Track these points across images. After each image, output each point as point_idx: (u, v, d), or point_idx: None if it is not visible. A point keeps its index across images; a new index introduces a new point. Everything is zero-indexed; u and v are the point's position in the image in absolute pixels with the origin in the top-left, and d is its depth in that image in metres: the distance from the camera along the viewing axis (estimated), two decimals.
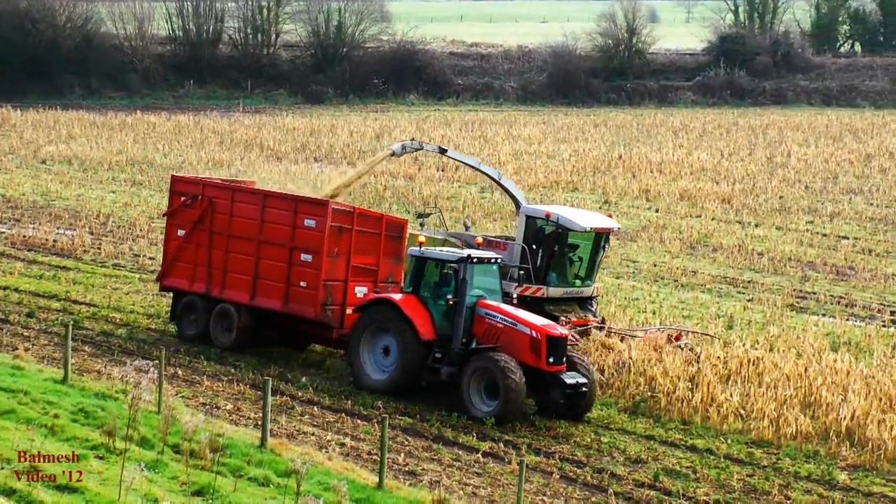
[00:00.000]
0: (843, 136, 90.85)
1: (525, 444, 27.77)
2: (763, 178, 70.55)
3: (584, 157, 77.40)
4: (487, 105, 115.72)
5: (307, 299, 32.04)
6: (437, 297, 30.07)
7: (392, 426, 27.24)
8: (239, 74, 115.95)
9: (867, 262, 50.36)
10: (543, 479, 25.59)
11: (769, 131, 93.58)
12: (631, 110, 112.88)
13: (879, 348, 36.05)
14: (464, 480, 25.14)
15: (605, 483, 25.61)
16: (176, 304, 34.79)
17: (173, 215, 34.96)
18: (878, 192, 66.99)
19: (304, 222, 32.25)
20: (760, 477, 26.61)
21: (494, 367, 28.55)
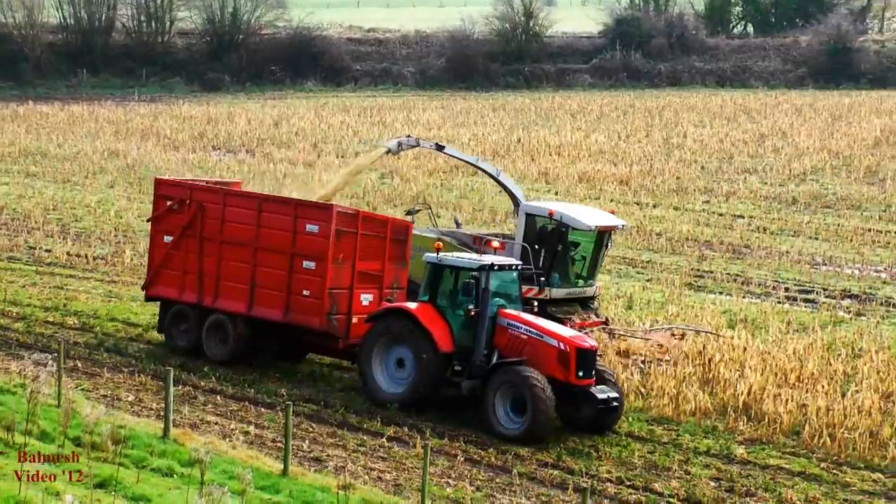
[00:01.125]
0: (738, 117, 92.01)
1: (429, 427, 27.89)
2: (660, 159, 71.28)
3: (484, 141, 77.66)
4: (386, 90, 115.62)
5: (311, 308, 30.24)
6: (455, 307, 28.29)
7: (296, 413, 27.25)
8: (133, 63, 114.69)
9: (762, 241, 51.11)
10: (448, 462, 25.76)
11: (665, 113, 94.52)
12: (529, 94, 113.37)
13: (775, 324, 36.67)
14: (369, 465, 25.23)
15: (508, 464, 25.84)
16: (164, 314, 32.71)
17: (158, 220, 32.86)
18: (771, 171, 67.97)
19: (306, 227, 30.40)
20: (661, 453, 26.99)
21: (522, 383, 26.82)
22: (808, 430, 27.94)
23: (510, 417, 27.18)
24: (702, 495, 24.44)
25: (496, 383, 27.28)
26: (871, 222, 55.06)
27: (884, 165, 69.27)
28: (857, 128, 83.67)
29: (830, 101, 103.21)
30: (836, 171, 67.62)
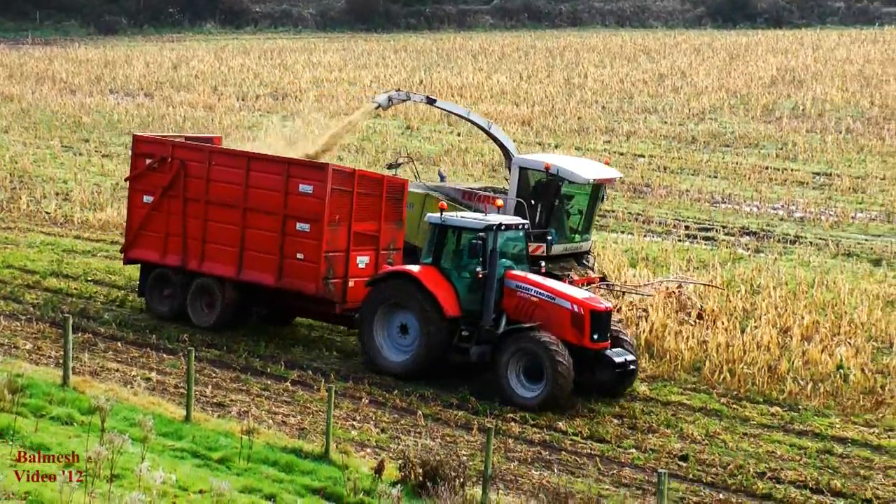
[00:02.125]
0: (637, 57, 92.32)
1: (334, 370, 27.75)
2: (561, 99, 71.36)
3: (386, 83, 77.19)
4: (286, 33, 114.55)
5: (306, 273, 28.66)
6: (460, 269, 26.84)
7: (199, 359, 26.94)
8: (27, 5, 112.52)
9: (662, 180, 51.40)
10: (353, 405, 25.63)
11: (566, 53, 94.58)
12: (430, 35, 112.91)
13: (675, 262, 36.91)
14: (273, 409, 25.05)
15: (413, 406, 25.78)
16: (144, 277, 31.14)
17: (137, 180, 31.05)
18: (671, 110, 68.35)
19: (299, 188, 28.76)
20: None
21: (539, 349, 25.42)
22: (708, 366, 28.18)
23: (524, 385, 25.77)
24: (605, 433, 24.56)
25: (510, 349, 25.80)
26: (768, 160, 55.59)
27: (780, 104, 69.94)
28: (753, 67, 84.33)
29: (728, 40, 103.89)
30: (734, 110, 68.15)
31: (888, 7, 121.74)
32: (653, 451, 23.80)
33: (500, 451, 23.21)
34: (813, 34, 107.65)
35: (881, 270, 37.92)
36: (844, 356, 28.33)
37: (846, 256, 39.64)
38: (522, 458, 23.24)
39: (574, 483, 21.93)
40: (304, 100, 70.36)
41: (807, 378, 27.43)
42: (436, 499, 19.45)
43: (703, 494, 21.95)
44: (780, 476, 22.74)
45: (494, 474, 20.93)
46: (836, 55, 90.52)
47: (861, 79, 78.48)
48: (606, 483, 22.21)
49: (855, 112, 67.22)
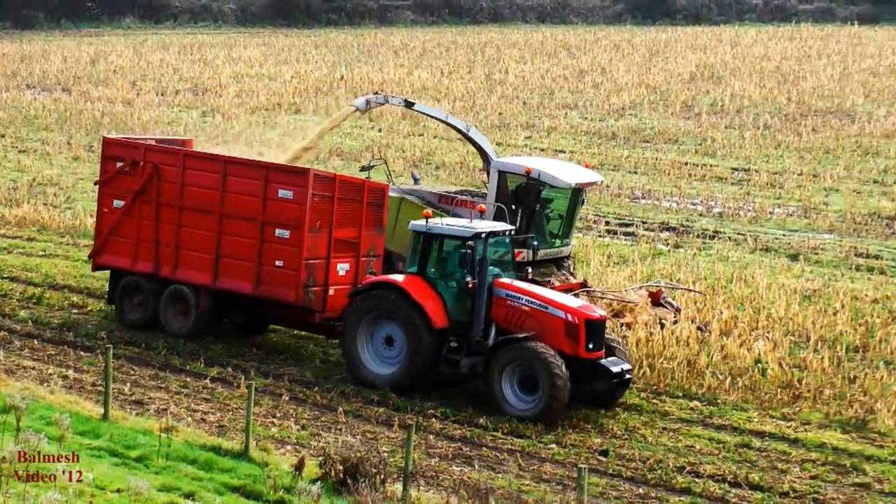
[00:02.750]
0: (558, 53, 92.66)
1: (254, 367, 27.58)
2: (482, 95, 71.45)
3: (306, 78, 76.92)
4: (206, 28, 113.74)
5: (285, 281, 27.86)
6: (447, 278, 26.10)
7: (117, 356, 26.69)
8: None
9: None
10: (273, 402, 25.50)
11: (487, 49, 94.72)
12: (351, 30, 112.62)
13: (595, 258, 37.05)
14: (192, 407, 24.85)
15: (334, 402, 25.68)
16: (114, 284, 30.12)
17: (108, 184, 30.10)
18: (591, 106, 68.66)
19: (279, 193, 27.93)
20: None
21: (535, 360, 24.73)
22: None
23: (518, 396, 25.11)
24: (525, 429, 24.60)
25: (503, 360, 25.07)
26: (687, 156, 56.02)
27: (699, 100, 70.50)
28: (673, 63, 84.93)
29: (647, 37, 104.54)
30: (654, 106, 68.60)
31: (804, 4, 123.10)
32: (573, 447, 23.88)
33: (421, 448, 23.18)
34: (731, 31, 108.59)
35: (798, 265, 38.31)
36: (762, 350, 28.58)
37: (764, 251, 40.01)
38: (443, 454, 23.23)
39: (495, 479, 21.94)
40: (225, 95, 69.91)
41: (725, 372, 27.64)
42: (356, 496, 19.39)
43: (623, 489, 22.05)
44: (698, 470, 22.90)
45: (415, 470, 20.89)
46: (753, 52, 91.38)
47: (778, 75, 79.30)
48: (527, 478, 22.25)
49: (772, 108, 67.91)
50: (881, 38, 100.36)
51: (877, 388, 26.93)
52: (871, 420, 25.37)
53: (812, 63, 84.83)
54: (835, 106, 68.50)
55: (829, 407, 26.15)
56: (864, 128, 61.84)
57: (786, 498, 21.88)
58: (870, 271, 37.84)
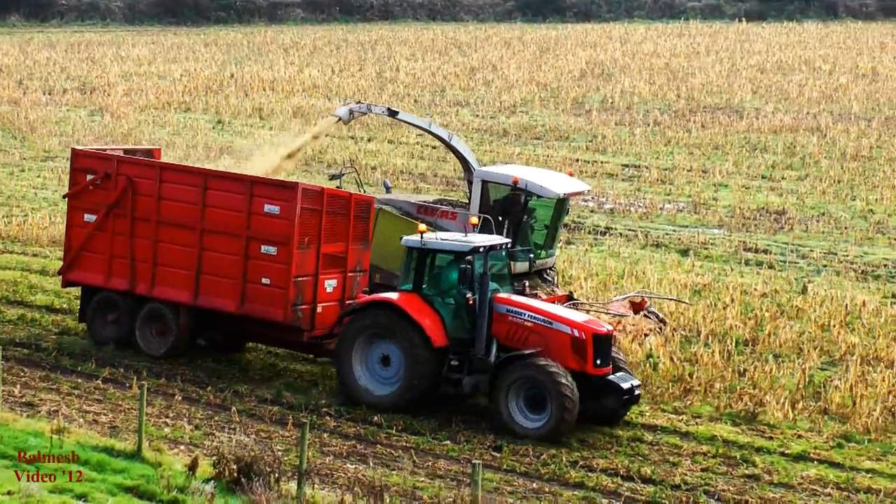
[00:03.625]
0: (449, 50, 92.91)
1: (146, 368, 27.40)
2: (373, 93, 71.44)
3: (196, 77, 76.40)
4: (94, 26, 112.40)
5: (273, 299, 26.68)
6: (444, 295, 25.29)
7: (6, 358, 26.33)
8: None
9: None
10: (166, 402, 25.38)
11: (378, 47, 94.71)
12: (241, 28, 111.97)
13: None
14: (84, 408, 24.65)
15: (227, 402, 25.62)
16: (86, 301, 28.87)
17: (78, 197, 28.73)
18: (482, 104, 68.98)
19: (265, 208, 26.76)
20: None
21: (544, 377, 23.93)
22: None
23: (525, 414, 24.31)
24: (420, 426, 24.71)
25: (509, 378, 24.26)
26: (578, 153, 56.52)
27: (589, 97, 71.12)
28: (563, 60, 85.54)
29: (538, 34, 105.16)
30: (545, 103, 69.07)
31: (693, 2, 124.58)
32: (467, 443, 24.03)
33: (316, 446, 23.20)
34: (621, 28, 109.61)
35: (689, 260, 38.86)
36: (654, 345, 28.96)
37: (655, 247, 40.54)
38: (338, 452, 23.27)
39: (389, 476, 22.04)
40: (113, 94, 69.22)
41: None
42: (251, 495, 19.38)
43: (517, 484, 22.23)
44: (591, 464, 23.16)
45: (310, 469, 20.92)
46: (643, 49, 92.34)
47: (668, 72, 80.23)
48: (422, 475, 22.35)
49: (662, 105, 68.70)
50: (768, 35, 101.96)
51: (766, 380, 27.44)
52: (760, 413, 25.84)
53: (701, 60, 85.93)
54: (723, 102, 69.48)
55: (719, 400, 26.58)
56: (753, 124, 62.79)
57: (677, 490, 22.21)
58: (758, 266, 38.51)
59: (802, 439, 24.79)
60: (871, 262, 39.39)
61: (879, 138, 59.19)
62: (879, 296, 35.11)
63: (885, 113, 66.38)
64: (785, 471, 23.30)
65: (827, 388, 27.16)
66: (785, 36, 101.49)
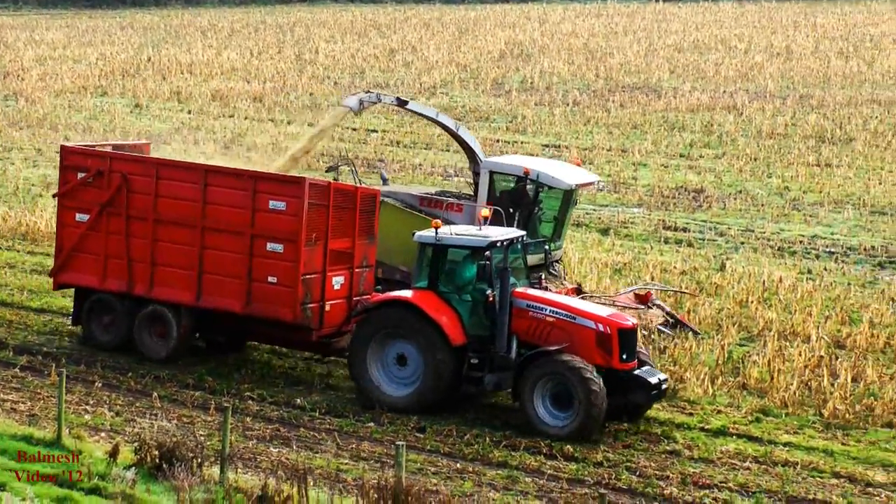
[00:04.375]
0: (368, 32, 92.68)
1: (65, 355, 27.14)
2: (293, 75, 71.15)
3: (112, 60, 75.66)
4: (6, 10, 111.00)
5: (281, 298, 25.69)
6: (461, 292, 24.45)
7: None
8: None
9: (395, 154, 51.82)
10: (85, 389, 25.16)
11: (296, 29, 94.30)
12: (157, 11, 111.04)
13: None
14: (1, 397, 24.37)
15: (148, 388, 25.44)
16: (79, 303, 27.70)
17: (69, 196, 27.47)
18: (403, 85, 68.87)
19: (270, 204, 25.73)
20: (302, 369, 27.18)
21: (570, 374, 23.15)
22: None
23: (551, 412, 23.53)
24: (343, 408, 24.70)
25: (534, 375, 23.46)
26: (499, 133, 56.60)
27: (509, 77, 71.24)
28: (482, 41, 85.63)
29: (457, 15, 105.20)
30: (465, 84, 69.11)
31: None
32: (390, 425, 24.03)
33: (238, 430, 23.10)
34: (539, 8, 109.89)
35: (609, 239, 39.09)
36: None
37: (575, 227, 40.66)
38: (261, 436, 23.19)
39: (313, 459, 22.01)
40: (28, 78, 68.39)
41: None
42: (173, 480, 19.27)
43: (441, 464, 22.27)
44: (515, 444, 23.25)
45: (232, 453, 20.83)
46: (562, 29, 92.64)
47: (586, 52, 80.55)
48: (345, 457, 22.34)
49: (581, 85, 68.97)
50: (685, 15, 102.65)
51: (686, 357, 27.67)
52: (680, 389, 26.04)
53: (619, 40, 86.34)
54: (641, 82, 69.86)
55: None
56: (671, 103, 63.21)
57: (600, 467, 22.35)
58: (678, 244, 38.83)
59: (722, 414, 25.04)
60: (787, 238, 39.85)
61: (794, 116, 59.82)
62: (795, 272, 35.53)
63: (799, 91, 67.09)
64: (705, 446, 23.52)
65: (745, 363, 27.45)
66: (701, 15, 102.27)
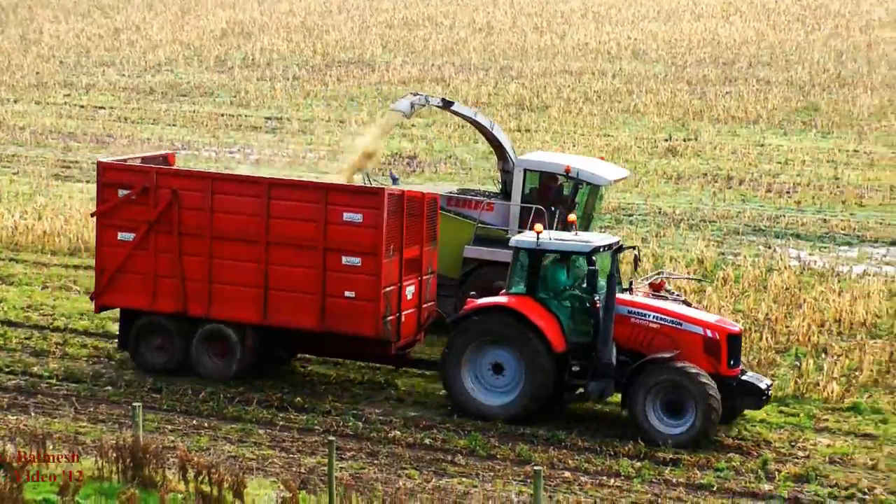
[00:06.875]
0: (92, 13, 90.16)
1: None
2: (18, 55, 68.82)
3: None
4: None
5: (360, 312, 23.50)
6: (561, 297, 22.83)
7: None
8: None
9: (124, 130, 50.85)
10: None
11: (19, 9, 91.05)
12: None
13: None
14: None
15: None
16: (126, 326, 24.91)
17: (109, 214, 24.76)
18: (128, 63, 67.44)
19: (343, 216, 23.57)
20: (38, 338, 26.46)
21: (688, 381, 21.59)
22: None
23: (664, 421, 21.91)
24: (80, 373, 24.22)
25: (648, 383, 21.86)
26: (223, 107, 56.09)
27: (231, 54, 70.56)
28: (205, 20, 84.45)
29: None
30: (189, 62, 68.14)
31: None
32: (127, 387, 23.66)
33: None
34: None
35: None
36: None
37: None
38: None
39: (52, 424, 21.51)
40: None
41: None
42: None
43: (178, 422, 22.09)
44: (248, 399, 23.21)
45: None
46: (279, 8, 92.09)
47: (304, 30, 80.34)
48: (84, 421, 21.92)
49: (300, 60, 68.82)
50: None
51: None
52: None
53: (334, 17, 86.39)
54: (356, 57, 70.15)
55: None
56: (384, 76, 63.70)
57: (328, 416, 22.55)
58: None
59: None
60: None
61: (496, 86, 61.06)
62: None
63: (499, 63, 68.47)
64: (424, 391, 23.97)
65: None
66: None
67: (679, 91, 60.09)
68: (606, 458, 21.02)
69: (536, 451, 21.23)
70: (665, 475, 20.39)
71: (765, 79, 63.84)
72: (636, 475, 20.35)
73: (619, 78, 63.92)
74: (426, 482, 19.77)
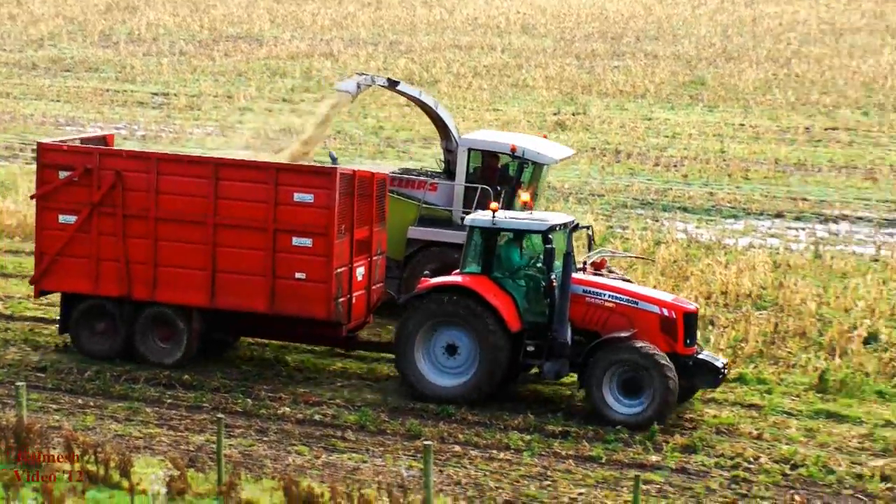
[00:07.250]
0: None
1: None
2: None
3: None
4: None
5: (311, 295, 22.93)
6: (516, 277, 22.44)
7: None
8: None
9: (6, 105, 49.99)
10: None
11: None
12: None
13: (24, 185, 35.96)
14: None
15: None
16: (67, 311, 24.16)
17: (50, 197, 23.87)
18: (10, 38, 66.33)
19: (295, 197, 22.94)
20: None
21: (645, 360, 21.28)
22: None
23: (621, 401, 21.57)
24: None
25: (604, 363, 21.51)
26: (108, 83, 55.35)
27: (116, 29, 69.59)
28: None
29: None
30: (73, 37, 67.08)
31: None
32: (11, 367, 23.26)
33: None
34: None
35: None
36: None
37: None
38: None
39: None
40: None
41: None
42: None
43: (64, 401, 21.76)
44: (135, 377, 22.91)
45: None
46: None
47: (190, 4, 79.42)
48: None
49: (187, 35, 68.01)
50: None
51: None
52: None
53: None
54: (244, 31, 69.53)
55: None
56: (272, 51, 63.24)
57: (217, 393, 22.40)
58: None
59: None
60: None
61: (385, 61, 60.91)
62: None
63: (388, 38, 68.29)
64: (314, 367, 23.86)
65: None
66: None
67: (568, 65, 60.48)
68: (496, 432, 21.05)
69: (426, 425, 21.21)
70: (554, 448, 20.47)
71: (652, 53, 64.49)
72: (526, 448, 20.42)
73: (509, 52, 64.14)
74: (316, 458, 19.70)
